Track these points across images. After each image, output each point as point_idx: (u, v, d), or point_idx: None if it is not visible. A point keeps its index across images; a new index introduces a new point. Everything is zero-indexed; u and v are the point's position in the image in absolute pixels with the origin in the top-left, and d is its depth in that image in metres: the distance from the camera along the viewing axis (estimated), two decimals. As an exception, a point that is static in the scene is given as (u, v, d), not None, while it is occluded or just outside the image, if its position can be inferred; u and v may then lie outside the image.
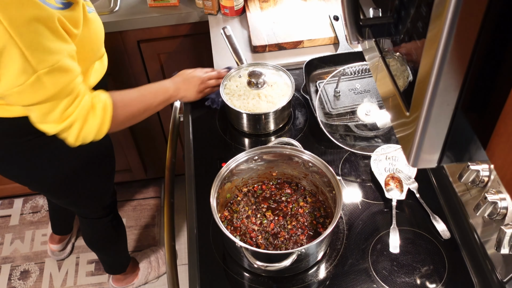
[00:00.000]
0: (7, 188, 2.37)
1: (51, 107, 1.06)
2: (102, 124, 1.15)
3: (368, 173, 1.26)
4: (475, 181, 1.03)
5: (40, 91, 1.02)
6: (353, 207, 1.19)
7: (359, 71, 1.42)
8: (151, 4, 1.80)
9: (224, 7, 1.72)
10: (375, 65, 0.75)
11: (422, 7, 0.54)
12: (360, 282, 1.06)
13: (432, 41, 0.51)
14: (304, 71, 1.43)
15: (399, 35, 0.64)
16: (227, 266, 1.10)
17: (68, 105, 1.08)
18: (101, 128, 1.15)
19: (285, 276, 1.07)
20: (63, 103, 1.07)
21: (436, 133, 0.58)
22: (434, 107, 0.55)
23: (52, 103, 1.06)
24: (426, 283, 1.05)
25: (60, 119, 1.09)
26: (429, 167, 1.22)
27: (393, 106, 0.68)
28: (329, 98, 1.39)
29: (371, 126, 1.32)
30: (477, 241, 1.06)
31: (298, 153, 1.14)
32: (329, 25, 1.63)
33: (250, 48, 1.61)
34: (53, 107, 1.07)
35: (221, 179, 1.09)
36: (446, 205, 1.18)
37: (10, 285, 2.19)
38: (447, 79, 0.53)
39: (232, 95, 1.34)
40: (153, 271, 2.15)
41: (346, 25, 0.70)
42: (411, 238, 1.13)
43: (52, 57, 1.00)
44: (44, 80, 1.00)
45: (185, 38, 1.88)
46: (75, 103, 1.09)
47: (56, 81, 1.03)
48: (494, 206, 0.96)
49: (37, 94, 1.02)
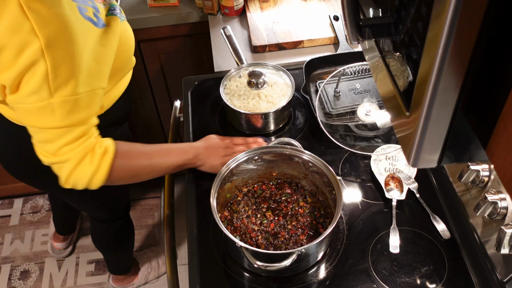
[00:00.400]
0: (7, 188, 2.37)
1: (51, 137, 1.01)
2: (96, 172, 1.06)
3: (368, 173, 1.26)
4: (475, 181, 1.03)
5: (46, 118, 0.97)
6: (353, 207, 1.19)
7: (359, 71, 1.42)
8: (151, 4, 1.80)
9: (224, 7, 1.72)
10: (375, 65, 0.75)
11: (422, 7, 0.54)
12: (360, 282, 1.06)
13: (432, 41, 0.51)
14: (304, 71, 1.43)
15: (399, 35, 0.64)
16: (227, 266, 1.10)
17: (68, 142, 1.02)
18: (95, 175, 1.06)
19: (285, 276, 1.07)
20: (65, 138, 1.01)
21: (436, 133, 0.58)
22: (434, 107, 0.55)
23: (53, 134, 1.00)
24: (426, 283, 1.05)
25: (55, 152, 1.02)
26: (429, 167, 1.22)
27: (393, 106, 0.68)
28: (329, 98, 1.39)
29: (371, 126, 1.32)
30: (477, 241, 1.06)
31: (298, 153, 1.14)
32: (329, 25, 1.63)
33: (250, 48, 1.61)
34: (53, 138, 1.01)
35: (221, 179, 1.09)
36: (446, 205, 1.18)
37: (10, 285, 2.19)
38: (447, 79, 0.53)
39: (232, 95, 1.34)
40: (153, 271, 2.15)
41: (346, 25, 0.70)
42: (411, 238, 1.13)
43: (70, 87, 0.95)
44: (55, 108, 0.96)
45: (185, 38, 1.88)
46: (76, 143, 1.02)
47: (67, 115, 0.97)
48: (494, 206, 0.96)
49: (42, 119, 0.97)
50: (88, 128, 1.04)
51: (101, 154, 1.05)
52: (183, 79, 1.52)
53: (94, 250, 2.26)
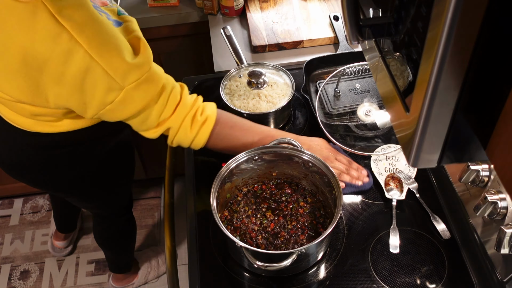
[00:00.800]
0: (7, 188, 2.37)
1: (144, 117, 1.06)
2: (196, 137, 1.12)
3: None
4: (475, 181, 1.03)
5: (130, 105, 1.01)
6: (353, 207, 1.19)
7: (359, 71, 1.42)
8: (151, 4, 1.80)
9: (224, 7, 1.72)
10: (375, 65, 0.75)
11: (422, 7, 0.54)
12: (360, 282, 1.06)
13: (432, 41, 0.51)
14: (304, 71, 1.43)
15: (399, 35, 0.64)
16: (227, 266, 1.10)
17: (161, 111, 1.07)
18: (194, 140, 1.13)
19: (285, 276, 1.07)
20: (155, 109, 1.05)
21: (436, 133, 0.58)
22: (434, 107, 0.55)
23: (145, 113, 1.05)
24: (426, 283, 1.05)
25: (156, 125, 1.09)
26: (429, 167, 1.22)
27: (393, 106, 0.68)
28: (329, 98, 1.39)
29: (371, 126, 1.32)
30: (477, 241, 1.06)
31: (298, 153, 1.14)
32: (329, 25, 1.63)
33: (250, 48, 1.61)
34: (146, 117, 1.06)
35: (221, 179, 1.09)
36: (446, 205, 1.18)
37: (10, 285, 2.19)
38: (447, 79, 0.53)
39: (232, 95, 1.34)
40: (153, 271, 2.15)
41: (346, 25, 0.70)
42: (411, 238, 1.13)
43: (135, 71, 0.97)
44: (133, 94, 0.99)
45: (185, 38, 1.88)
46: (168, 108, 1.07)
47: (145, 94, 1.01)
48: (494, 206, 0.96)
49: (128, 108, 1.02)
50: (169, 92, 1.07)
51: (201, 122, 1.11)
52: (183, 79, 1.52)
53: (94, 250, 2.26)
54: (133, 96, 0.99)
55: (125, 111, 1.02)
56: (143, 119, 1.06)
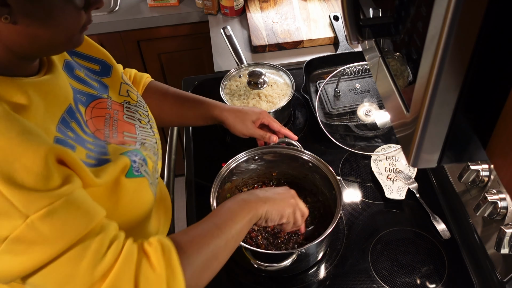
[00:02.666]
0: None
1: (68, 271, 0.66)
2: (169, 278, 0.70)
3: (368, 173, 1.26)
4: (475, 181, 1.03)
5: (40, 247, 0.63)
6: (353, 207, 1.19)
7: (359, 71, 1.42)
8: (151, 4, 1.80)
9: (224, 7, 1.72)
10: (375, 65, 0.75)
11: (422, 7, 0.54)
12: (360, 282, 1.06)
13: (432, 41, 0.51)
14: (304, 71, 1.43)
15: (399, 35, 0.64)
16: (227, 266, 1.10)
17: (96, 260, 0.67)
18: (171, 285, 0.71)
19: (285, 276, 1.07)
20: (87, 258, 0.66)
21: (436, 133, 0.58)
22: (434, 107, 0.55)
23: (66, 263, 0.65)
24: (426, 283, 1.05)
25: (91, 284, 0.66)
26: (429, 167, 1.22)
27: (393, 106, 0.68)
28: (329, 98, 1.39)
29: (371, 126, 1.32)
30: (477, 241, 1.06)
31: (298, 153, 1.14)
32: (329, 25, 1.63)
33: (250, 48, 1.61)
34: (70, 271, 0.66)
35: (221, 179, 1.09)
36: (446, 205, 1.18)
37: (10, 285, 2.18)
38: (447, 79, 0.53)
39: (232, 95, 1.34)
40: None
41: (346, 25, 0.70)
42: (411, 238, 1.13)
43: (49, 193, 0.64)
44: (41, 228, 0.63)
45: (185, 38, 1.88)
46: (108, 255, 0.68)
47: (63, 228, 0.65)
48: (494, 206, 0.96)
49: (36, 251, 0.63)
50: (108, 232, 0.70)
51: (159, 251, 0.72)
52: (183, 79, 1.52)
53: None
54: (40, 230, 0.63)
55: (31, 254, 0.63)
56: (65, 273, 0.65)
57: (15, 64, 0.71)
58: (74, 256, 0.65)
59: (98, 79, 0.92)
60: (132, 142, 0.88)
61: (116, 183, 0.78)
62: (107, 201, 0.76)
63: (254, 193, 0.91)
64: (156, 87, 1.17)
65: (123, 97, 0.95)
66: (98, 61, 0.94)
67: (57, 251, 0.64)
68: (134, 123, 0.93)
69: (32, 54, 0.72)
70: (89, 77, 0.89)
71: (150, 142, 0.93)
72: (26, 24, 0.65)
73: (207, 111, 1.16)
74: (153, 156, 0.91)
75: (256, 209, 0.87)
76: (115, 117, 0.89)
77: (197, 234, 0.79)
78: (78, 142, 0.75)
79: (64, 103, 0.77)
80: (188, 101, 1.17)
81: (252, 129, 1.15)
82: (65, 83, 0.80)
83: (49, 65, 0.78)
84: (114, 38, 1.81)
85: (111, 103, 0.90)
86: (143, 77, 1.16)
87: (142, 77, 1.16)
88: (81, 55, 0.92)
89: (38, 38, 0.68)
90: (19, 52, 0.69)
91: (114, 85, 0.95)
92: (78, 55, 0.91)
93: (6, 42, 0.67)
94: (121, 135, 0.87)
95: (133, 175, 0.81)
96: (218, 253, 0.80)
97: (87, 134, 0.80)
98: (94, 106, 0.86)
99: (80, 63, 0.90)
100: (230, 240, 0.81)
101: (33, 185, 0.63)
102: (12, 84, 0.69)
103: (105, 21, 1.77)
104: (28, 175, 0.62)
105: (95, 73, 0.92)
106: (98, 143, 0.80)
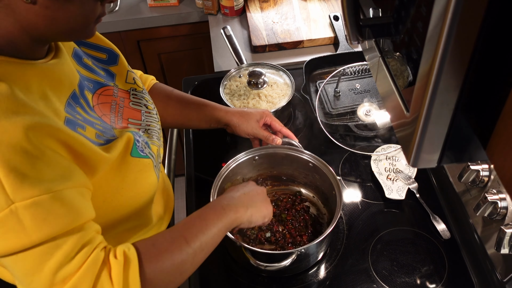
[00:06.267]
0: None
1: (35, 264, 0.67)
2: None
3: (368, 173, 1.26)
4: (475, 181, 1.03)
5: (15, 235, 0.65)
6: (353, 207, 1.19)
7: (359, 71, 1.42)
8: (151, 4, 1.80)
9: (224, 7, 1.72)
10: (375, 65, 0.75)
11: (422, 7, 0.54)
12: (360, 282, 1.06)
13: (432, 41, 0.51)
14: (304, 71, 1.43)
15: (399, 35, 0.64)
16: (227, 266, 1.10)
17: (62, 263, 0.68)
18: None
19: (285, 276, 1.07)
20: (56, 258, 0.67)
21: (436, 133, 0.58)
22: (434, 107, 0.55)
23: (36, 257, 0.67)
24: (426, 283, 1.05)
25: (50, 284, 0.67)
26: (429, 167, 1.22)
27: (393, 106, 0.68)
28: (329, 98, 1.39)
29: (371, 126, 1.32)
30: (477, 241, 1.06)
31: (298, 153, 1.14)
32: (329, 25, 1.63)
33: (250, 48, 1.61)
34: (37, 265, 0.67)
35: (221, 179, 1.09)
36: (446, 205, 1.18)
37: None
38: (447, 79, 0.52)
39: (232, 95, 1.34)
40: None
41: (346, 25, 0.70)
42: (411, 238, 1.13)
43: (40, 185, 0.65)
44: (22, 217, 0.64)
45: (185, 38, 1.88)
46: (76, 261, 0.69)
47: (43, 222, 0.66)
48: (494, 206, 0.96)
49: (10, 238, 0.65)
50: (85, 234, 0.71)
51: (121, 265, 0.72)
52: (183, 79, 1.52)
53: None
54: (22, 220, 0.64)
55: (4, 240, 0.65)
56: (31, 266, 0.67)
57: (27, 45, 0.73)
58: (44, 253, 0.67)
59: (104, 68, 0.95)
60: (136, 129, 0.91)
61: (122, 161, 0.81)
62: (113, 180, 0.80)
63: (234, 198, 0.91)
64: (160, 89, 1.18)
65: (129, 84, 0.99)
66: (105, 50, 0.98)
67: (31, 242, 0.65)
68: (140, 109, 0.97)
69: (46, 37, 0.74)
70: (96, 65, 0.93)
71: (155, 128, 0.98)
72: (45, 5, 0.67)
73: (211, 113, 1.17)
74: (157, 141, 0.95)
75: (236, 215, 0.88)
76: (121, 104, 0.93)
77: (163, 248, 0.78)
78: (87, 123, 0.79)
79: (69, 88, 0.80)
80: (192, 104, 1.18)
81: (257, 129, 1.16)
82: (71, 69, 0.83)
83: (56, 51, 0.81)
84: (114, 38, 1.81)
85: (117, 91, 0.94)
86: (148, 79, 1.17)
87: (147, 79, 1.17)
88: (89, 45, 0.95)
89: (54, 21, 0.70)
90: (34, 34, 0.71)
91: (121, 73, 0.98)
92: (85, 44, 0.94)
93: (23, 23, 0.69)
94: (126, 121, 0.91)
95: (138, 155, 0.84)
96: (184, 268, 0.80)
97: (95, 118, 0.83)
98: (101, 93, 0.90)
99: (87, 52, 0.94)
100: (198, 252, 0.81)
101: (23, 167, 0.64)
102: (19, 67, 0.72)
103: (105, 21, 1.76)
104: (16, 154, 0.64)
105: (102, 62, 0.96)
106: (106, 126, 0.84)
